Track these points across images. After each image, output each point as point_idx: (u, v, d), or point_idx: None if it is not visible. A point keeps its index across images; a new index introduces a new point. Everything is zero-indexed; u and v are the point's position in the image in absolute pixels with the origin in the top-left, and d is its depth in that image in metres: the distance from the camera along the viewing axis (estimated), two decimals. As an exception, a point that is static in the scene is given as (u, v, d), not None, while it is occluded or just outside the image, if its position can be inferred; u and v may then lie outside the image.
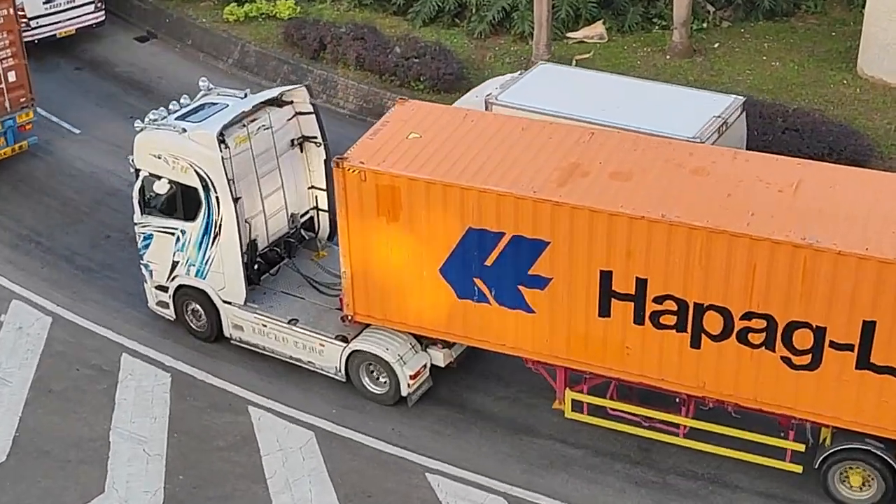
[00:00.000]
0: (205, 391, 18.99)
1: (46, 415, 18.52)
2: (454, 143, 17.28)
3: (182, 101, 19.72)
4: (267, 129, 19.19)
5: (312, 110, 19.64)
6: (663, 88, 21.53)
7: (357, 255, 17.74)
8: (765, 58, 27.49)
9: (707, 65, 27.14)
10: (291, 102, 19.63)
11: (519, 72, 23.27)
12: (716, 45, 28.06)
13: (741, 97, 20.52)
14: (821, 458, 16.35)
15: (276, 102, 19.54)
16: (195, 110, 19.35)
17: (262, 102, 19.33)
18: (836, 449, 16.23)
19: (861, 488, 16.41)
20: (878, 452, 15.99)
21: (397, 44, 27.87)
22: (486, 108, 20.26)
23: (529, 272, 16.62)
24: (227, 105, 19.24)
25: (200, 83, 20.18)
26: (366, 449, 17.76)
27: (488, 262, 16.84)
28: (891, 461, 16.03)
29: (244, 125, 18.89)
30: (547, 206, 16.05)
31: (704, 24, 28.77)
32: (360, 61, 27.59)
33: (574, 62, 27.41)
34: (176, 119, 19.12)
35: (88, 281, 21.58)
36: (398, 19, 29.93)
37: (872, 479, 16.25)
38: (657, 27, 28.89)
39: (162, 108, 19.52)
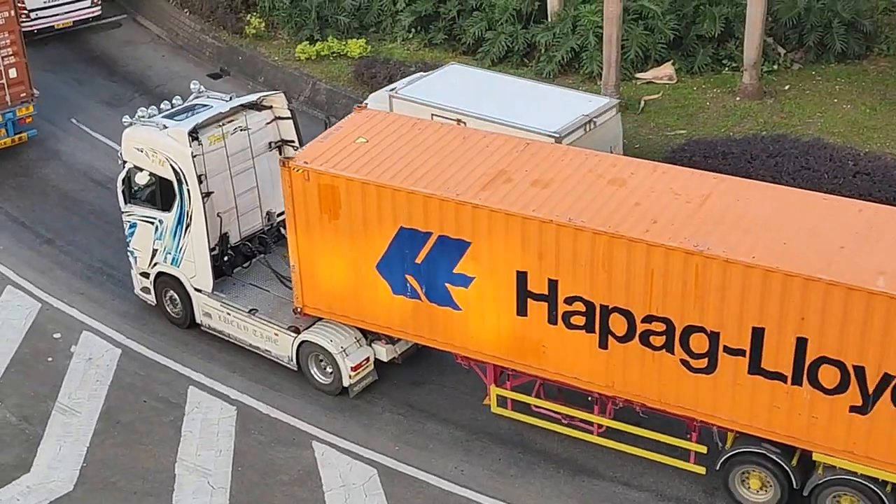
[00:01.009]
0: (269, 425, 19.11)
1: (113, 446, 18.74)
2: (397, 148, 18.26)
3: (174, 101, 20.94)
4: (243, 130, 20.37)
5: (290, 115, 20.77)
6: (550, 89, 23.32)
7: (303, 251, 18.74)
8: (836, 100, 27.23)
9: (777, 107, 26.96)
10: (271, 107, 20.77)
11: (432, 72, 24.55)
12: (786, 88, 27.87)
13: (615, 99, 22.39)
14: (721, 461, 16.88)
15: (255, 106, 20.66)
16: (183, 110, 20.60)
17: (240, 105, 20.55)
18: (734, 452, 16.76)
19: (759, 491, 16.90)
20: (773, 457, 16.45)
21: (466, 83, 28.02)
22: (389, 101, 22.33)
23: (454, 271, 17.50)
24: (212, 107, 20.54)
25: (192, 86, 21.56)
26: (429, 487, 17.73)
27: (418, 260, 17.73)
28: (785, 465, 16.43)
29: (220, 125, 20.10)
30: (468, 208, 16.95)
31: (775, 66, 28.59)
32: (429, 100, 27.77)
33: (643, 103, 27.41)
34: (164, 117, 20.40)
35: (157, 313, 21.82)
36: (468, 59, 30.09)
37: (770, 482, 16.70)
38: (727, 68, 28.76)
39: (153, 107, 20.77)
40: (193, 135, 19.59)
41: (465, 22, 30.34)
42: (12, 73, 26.33)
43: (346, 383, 19.21)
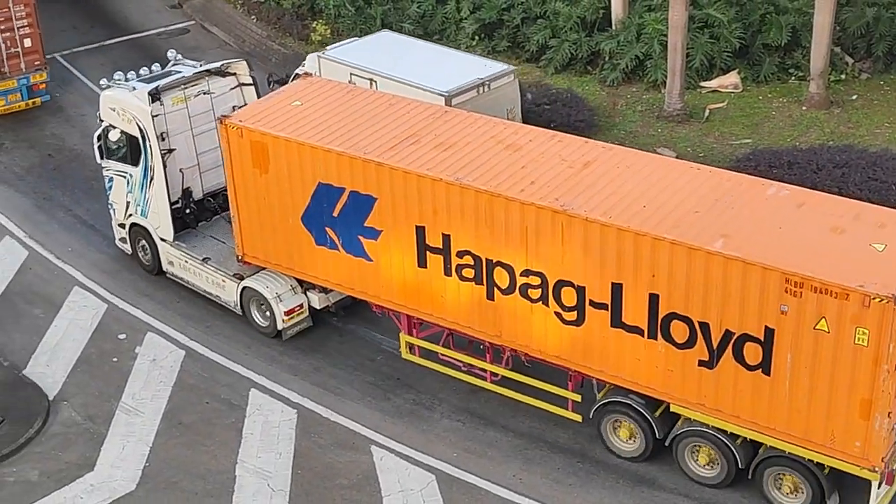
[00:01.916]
0: (329, 428, 19.23)
1: (176, 447, 18.96)
2: (326, 111, 19.87)
3: (153, 68, 22.80)
4: (206, 94, 22.29)
5: (252, 82, 22.70)
6: (459, 56, 25.46)
7: (241, 202, 20.58)
8: (905, 111, 26.91)
9: (844, 117, 26.66)
10: (235, 74, 22.67)
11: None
12: (853, 98, 27.54)
13: (512, 66, 24.09)
14: (593, 410, 18.05)
15: (220, 73, 22.55)
16: (158, 76, 22.42)
17: (204, 71, 22.44)
18: (604, 401, 17.95)
19: (628, 440, 18.02)
20: (638, 407, 17.54)
21: (529, 90, 27.99)
22: (318, 62, 24.56)
23: (365, 224, 19.05)
24: (182, 73, 22.37)
25: (169, 54, 23.42)
26: (487, 495, 17.73)
27: (335, 214, 19.34)
28: (649, 416, 17.46)
29: (183, 88, 22.03)
30: (372, 166, 18.49)
31: (842, 76, 28.27)
32: (492, 107, 27.82)
33: (707, 112, 27.24)
34: (139, 81, 22.30)
35: (221, 316, 22.08)
36: (531, 66, 30.11)
37: (637, 433, 17.75)
38: (793, 78, 28.49)
39: (132, 72, 22.61)
40: (155, 95, 21.56)
41: (529, 29, 30.34)
42: (27, 42, 28.80)
43: (279, 327, 20.93)
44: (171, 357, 21.02)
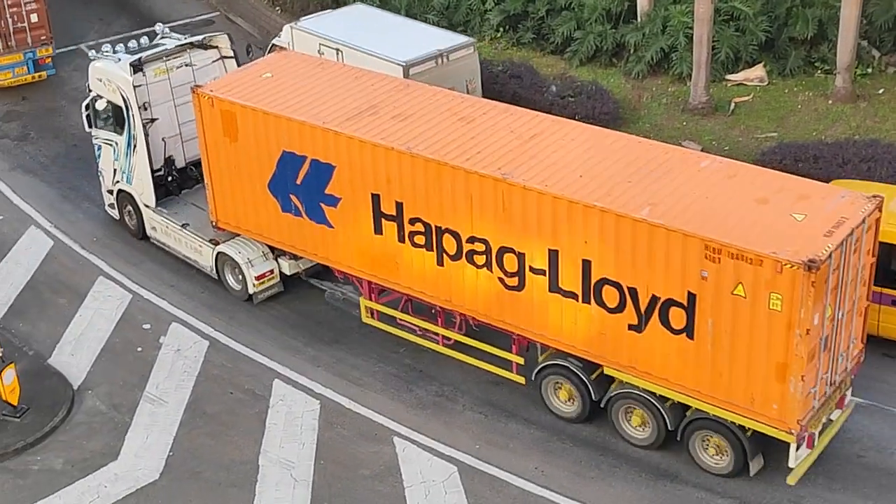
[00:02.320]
0: (352, 419, 19.29)
1: (199, 436, 19.07)
2: (294, 83, 20.71)
3: (141, 41, 23.52)
4: (188, 66, 23.13)
5: (233, 55, 23.54)
6: (424, 28, 26.45)
7: (213, 170, 21.42)
8: (932, 105, 26.71)
9: (871, 111, 26.47)
10: (217, 47, 23.52)
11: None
12: (880, 91, 27.33)
13: (472, 39, 25.29)
14: (535, 372, 18.77)
15: (202, 46, 23.41)
16: (145, 49, 23.23)
17: (187, 44, 23.33)
18: (544, 364, 18.67)
19: (567, 402, 18.73)
20: (576, 370, 18.28)
21: (553, 82, 27.97)
22: (290, 32, 25.52)
23: (326, 191, 19.85)
24: (167, 46, 23.31)
25: (157, 27, 24.32)
26: (508, 487, 17.76)
27: (298, 182, 20.13)
28: (585, 379, 18.20)
29: (165, 60, 22.90)
30: (331, 135, 19.26)
31: (869, 70, 28.03)
32: (516, 99, 27.71)
33: (733, 105, 27.11)
34: (126, 54, 23.11)
35: (245, 307, 22.16)
36: (555, 58, 30.02)
37: (576, 394, 18.49)
38: (819, 71, 28.27)
39: (120, 45, 23.56)
40: (137, 66, 22.53)
41: (554, 21, 30.24)
42: (34, 17, 29.88)
43: (251, 291, 21.85)
44: (195, 347, 21.12)
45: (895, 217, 18.84)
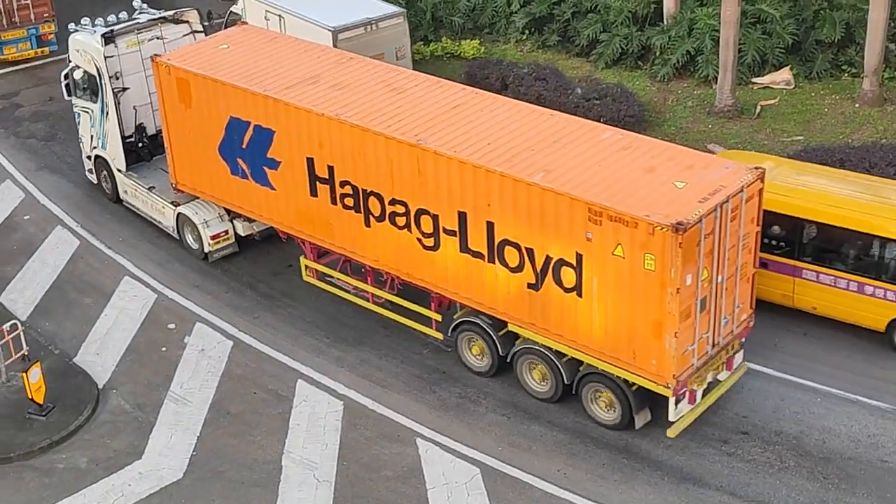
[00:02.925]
0: (375, 420, 19.31)
1: (223, 436, 19.13)
2: (247, 55, 22.14)
3: (120, 16, 24.80)
4: (159, 39, 24.49)
5: (203, 30, 24.92)
6: None
7: (172, 134, 22.89)
8: (960, 108, 26.54)
9: (898, 114, 26.36)
10: (188, 22, 24.88)
11: None
12: (908, 95, 27.23)
13: (402, 9, 27.06)
14: (450, 328, 20.02)
15: (173, 20, 24.75)
16: (121, 22, 24.56)
17: (160, 18, 24.74)
18: (458, 321, 19.92)
19: (479, 357, 19.97)
20: (485, 327, 19.50)
21: (579, 85, 27.96)
22: (243, 1, 27.83)
23: (267, 155, 21.16)
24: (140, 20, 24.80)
25: (135, 3, 25.46)
26: (531, 489, 17.72)
27: (244, 146, 21.46)
28: (493, 335, 19.37)
29: (137, 33, 24.34)
30: (270, 102, 20.62)
31: (897, 73, 27.96)
32: (541, 101, 27.72)
33: (759, 108, 27.02)
34: (103, 27, 24.40)
35: (269, 308, 22.24)
36: (581, 61, 30.03)
37: (486, 350, 19.75)
38: (846, 74, 28.19)
39: (100, 18, 24.78)
40: (109, 38, 23.97)
41: (580, 24, 30.26)
42: None
43: (206, 250, 23.29)
44: (219, 347, 21.20)
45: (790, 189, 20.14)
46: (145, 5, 25.56)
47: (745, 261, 17.97)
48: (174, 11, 24.96)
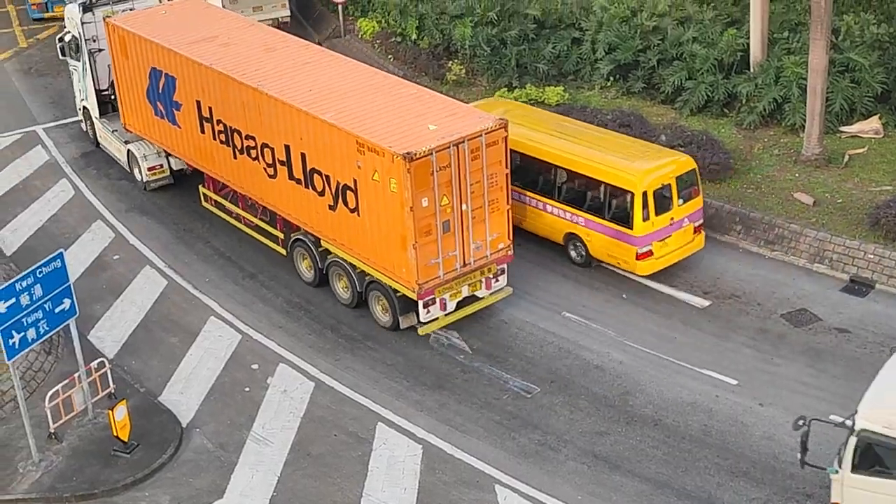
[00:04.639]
0: (453, 465, 19.28)
1: (303, 477, 19.23)
2: (177, 20, 26.96)
3: None
4: (132, 10, 28.86)
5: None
6: None
7: (120, 83, 28.01)
8: None
9: None
10: None
11: None
12: None
13: None
14: (288, 245, 24.41)
15: None
16: None
17: None
18: (292, 239, 24.20)
19: (308, 270, 24.21)
20: (309, 243, 23.65)
21: (663, 131, 27.82)
22: None
23: (174, 98, 25.88)
24: None
25: None
26: (610, 539, 17.56)
27: (160, 90, 26.23)
28: (314, 250, 23.51)
29: (112, 4, 29.12)
30: (173, 54, 25.36)
31: None
32: (625, 148, 27.67)
33: (847, 157, 26.68)
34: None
35: (351, 350, 22.38)
36: (665, 108, 29.93)
37: (311, 264, 23.89)
38: (938, 124, 27.72)
39: None
40: (87, 7, 28.90)
41: (665, 71, 30.16)
42: None
43: (144, 179, 28.37)
44: (301, 388, 21.37)
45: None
46: None
47: (496, 196, 21.55)
48: None
